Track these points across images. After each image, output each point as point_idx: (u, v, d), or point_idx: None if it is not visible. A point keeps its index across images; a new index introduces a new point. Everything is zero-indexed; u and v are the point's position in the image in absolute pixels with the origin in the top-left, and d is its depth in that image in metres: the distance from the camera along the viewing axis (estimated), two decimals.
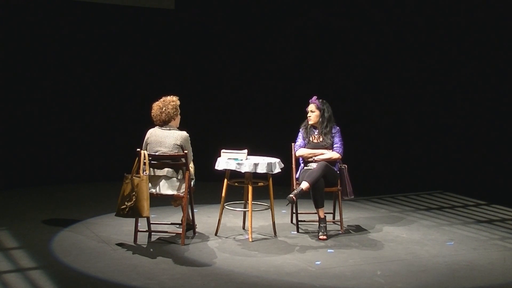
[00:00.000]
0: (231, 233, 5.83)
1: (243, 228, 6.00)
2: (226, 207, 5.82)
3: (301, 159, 6.03)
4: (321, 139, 5.97)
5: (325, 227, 5.72)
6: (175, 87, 6.93)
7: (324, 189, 5.69)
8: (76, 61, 8.46)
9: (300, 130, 6.07)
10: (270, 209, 5.81)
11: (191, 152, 5.56)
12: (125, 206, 5.18)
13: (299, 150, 5.98)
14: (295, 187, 5.78)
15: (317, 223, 5.77)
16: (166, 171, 5.41)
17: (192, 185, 5.54)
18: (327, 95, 6.18)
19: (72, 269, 4.67)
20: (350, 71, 8.74)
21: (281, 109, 8.78)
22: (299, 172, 5.97)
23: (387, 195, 7.80)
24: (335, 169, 5.89)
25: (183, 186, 5.40)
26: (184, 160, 5.39)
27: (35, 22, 8.17)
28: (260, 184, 5.79)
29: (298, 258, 5.08)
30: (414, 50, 8.52)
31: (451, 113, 8.35)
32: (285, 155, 6.08)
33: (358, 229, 6.12)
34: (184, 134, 5.50)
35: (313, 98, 6.01)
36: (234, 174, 5.74)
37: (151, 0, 8.79)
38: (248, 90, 8.99)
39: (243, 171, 5.56)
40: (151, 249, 5.24)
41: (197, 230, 5.78)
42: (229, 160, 5.57)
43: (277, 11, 8.92)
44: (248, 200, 5.68)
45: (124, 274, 4.57)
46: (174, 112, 5.50)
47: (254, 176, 5.65)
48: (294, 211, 6.01)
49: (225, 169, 5.61)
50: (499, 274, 4.81)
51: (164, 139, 5.45)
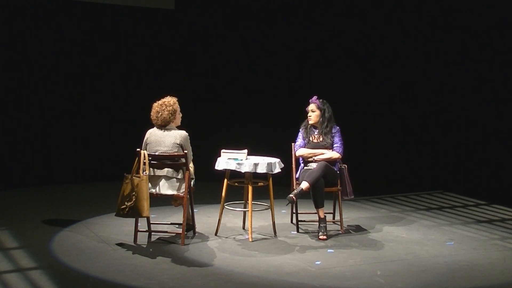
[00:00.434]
0: (231, 233, 5.83)
1: (243, 228, 6.00)
2: (226, 207, 5.81)
3: (301, 159, 6.03)
4: (321, 139, 5.97)
5: (325, 227, 5.71)
6: (175, 87, 6.93)
7: (324, 189, 5.68)
8: (76, 61, 8.46)
9: (300, 130, 6.07)
10: (270, 209, 5.81)
11: (191, 151, 5.56)
12: (125, 206, 5.18)
13: (299, 150, 5.98)
14: (295, 187, 5.78)
15: (317, 223, 5.77)
16: (166, 171, 5.41)
17: (192, 185, 5.54)
18: (327, 95, 6.18)
19: (72, 269, 4.67)
20: (350, 71, 8.73)
21: (281, 109, 8.77)
22: (299, 172, 5.97)
23: (387, 195, 7.80)
24: (335, 169, 5.89)
25: (183, 186, 5.40)
26: (184, 160, 5.39)
27: (34, 22, 8.17)
28: (260, 184, 5.79)
29: (298, 258, 5.08)
30: (414, 50, 8.51)
31: (451, 113, 8.34)
32: (285, 155, 6.07)
33: (358, 229, 6.12)
34: (184, 133, 5.50)
35: (314, 98, 6.01)
36: (234, 174, 5.74)
37: (151, 0, 8.79)
38: (248, 90, 8.99)
39: (243, 171, 5.56)
40: (151, 249, 5.24)
41: (197, 230, 5.78)
42: (229, 160, 5.57)
43: (277, 10, 8.92)
44: (248, 200, 5.68)
45: (124, 274, 4.57)
46: (170, 117, 5.48)
47: (254, 176, 5.64)
48: (294, 211, 6.00)
49: (225, 169, 5.61)
50: (499, 274, 4.80)
51: (164, 138, 5.45)
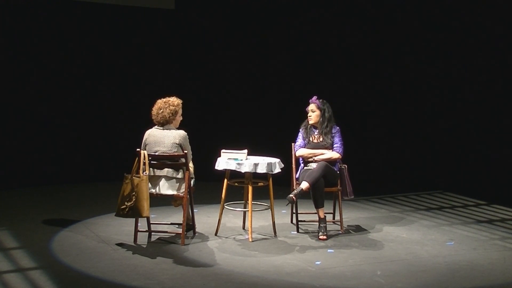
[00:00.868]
0: (231, 233, 5.83)
1: (243, 228, 5.99)
2: (226, 207, 5.81)
3: (301, 159, 6.03)
4: (321, 139, 5.97)
5: (325, 227, 5.71)
6: (175, 87, 6.93)
7: (324, 189, 5.68)
8: (76, 61, 8.46)
9: (300, 130, 6.07)
10: (270, 209, 5.81)
11: (190, 151, 5.56)
12: (125, 206, 5.18)
13: (299, 150, 5.98)
14: (295, 187, 5.78)
15: (317, 223, 5.77)
16: (166, 171, 5.41)
17: (192, 185, 5.54)
18: (327, 95, 6.18)
19: (72, 269, 4.67)
20: (350, 71, 8.72)
21: (281, 109, 8.77)
22: (299, 172, 5.97)
23: (387, 195, 7.80)
24: (335, 169, 5.89)
25: (183, 186, 5.40)
26: (183, 160, 5.39)
27: (34, 22, 8.16)
28: (260, 184, 5.79)
29: (298, 258, 5.08)
30: (415, 50, 8.51)
31: (451, 113, 8.34)
32: (285, 155, 6.07)
33: (358, 229, 6.12)
34: (183, 133, 5.50)
35: (314, 98, 6.01)
36: (234, 174, 5.74)
37: (151, 0, 8.79)
38: (248, 90, 8.98)
39: (243, 171, 5.56)
40: (151, 249, 5.24)
41: (197, 230, 5.78)
42: (229, 160, 5.57)
43: (277, 10, 8.91)
44: (248, 200, 5.68)
45: (124, 274, 4.57)
46: (170, 117, 5.48)
47: (254, 176, 5.64)
48: (294, 211, 6.00)
49: (225, 169, 5.61)
50: (499, 274, 4.81)
51: (163, 138, 5.45)
